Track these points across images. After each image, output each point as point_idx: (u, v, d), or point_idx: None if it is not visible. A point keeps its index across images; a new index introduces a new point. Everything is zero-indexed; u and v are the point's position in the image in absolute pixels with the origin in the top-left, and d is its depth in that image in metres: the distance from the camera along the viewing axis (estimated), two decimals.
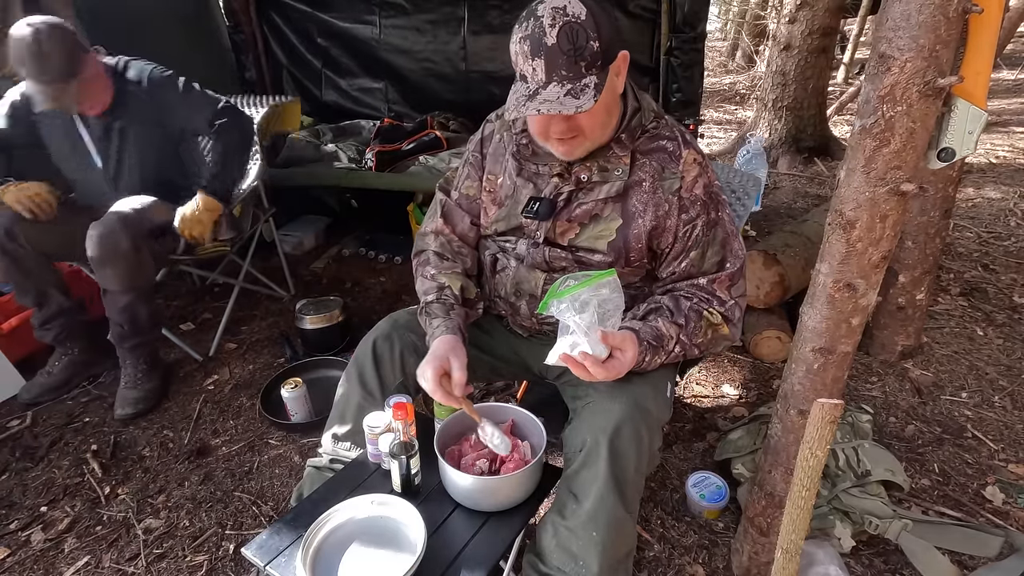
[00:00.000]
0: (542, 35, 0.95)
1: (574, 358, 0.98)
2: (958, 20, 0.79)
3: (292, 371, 2.07)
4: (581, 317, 0.97)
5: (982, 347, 2.19)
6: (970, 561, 1.39)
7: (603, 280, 1.00)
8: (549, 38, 0.95)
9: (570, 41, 0.95)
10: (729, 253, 1.15)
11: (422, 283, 1.28)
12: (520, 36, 0.98)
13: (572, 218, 1.16)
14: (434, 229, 1.34)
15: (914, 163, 0.89)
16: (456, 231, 1.33)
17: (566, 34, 0.94)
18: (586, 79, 0.97)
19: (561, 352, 1.00)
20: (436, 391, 1.08)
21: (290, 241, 3.16)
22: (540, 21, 0.95)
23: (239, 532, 1.55)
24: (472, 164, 1.30)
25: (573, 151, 1.09)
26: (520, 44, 0.98)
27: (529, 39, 0.97)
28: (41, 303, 1.97)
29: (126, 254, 1.81)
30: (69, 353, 2.07)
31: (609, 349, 1.01)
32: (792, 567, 0.97)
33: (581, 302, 0.98)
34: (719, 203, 1.15)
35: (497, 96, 3.15)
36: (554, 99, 0.96)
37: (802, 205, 3.74)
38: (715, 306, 1.13)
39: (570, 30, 0.94)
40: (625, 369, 1.02)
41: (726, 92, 7.73)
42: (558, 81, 0.97)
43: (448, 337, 1.14)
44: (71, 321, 2.03)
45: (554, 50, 0.95)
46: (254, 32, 3.39)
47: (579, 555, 1.02)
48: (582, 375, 1.01)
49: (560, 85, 0.96)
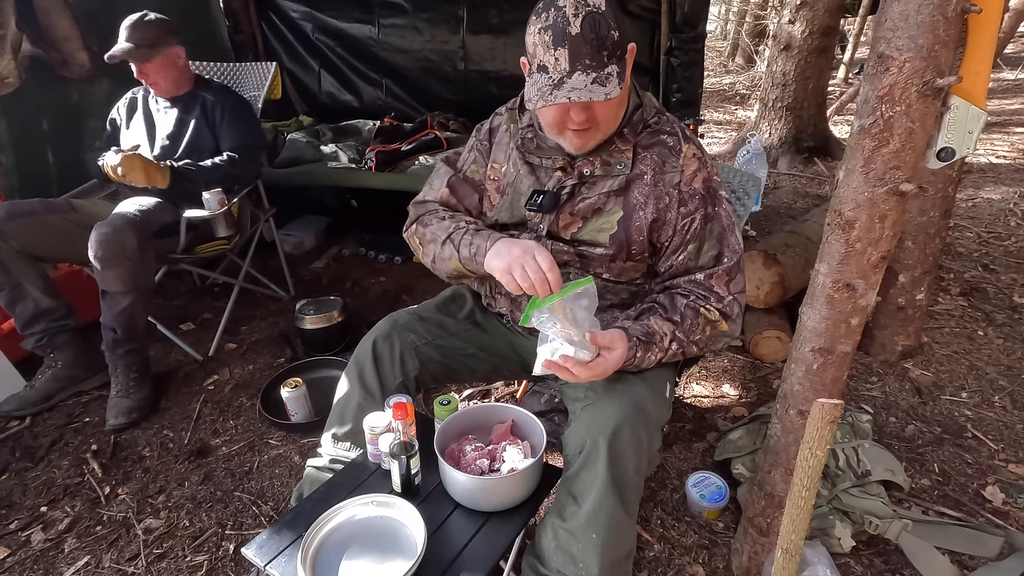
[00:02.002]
0: (565, 25, 0.96)
1: (557, 363, 1.00)
2: (957, 20, 0.79)
3: (292, 371, 2.06)
4: (563, 325, 0.99)
5: (982, 347, 2.19)
6: (970, 561, 1.39)
7: (580, 288, 1.01)
8: (573, 27, 0.95)
9: (593, 30, 0.95)
10: (726, 248, 1.15)
11: (438, 224, 1.19)
12: (540, 27, 0.98)
13: (575, 212, 1.16)
14: (440, 199, 1.28)
15: (913, 163, 0.89)
16: (464, 204, 1.28)
17: (589, 24, 0.95)
18: (608, 68, 0.98)
19: (544, 359, 1.02)
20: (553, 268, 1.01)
21: (290, 241, 3.16)
22: (563, 11, 0.96)
23: (239, 532, 1.55)
24: (479, 151, 1.29)
25: (586, 144, 1.10)
26: (540, 35, 0.98)
27: (551, 29, 0.97)
28: (14, 300, 1.90)
29: (131, 254, 1.81)
30: (53, 366, 2.00)
31: (597, 349, 1.01)
32: (792, 567, 0.97)
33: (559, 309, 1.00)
34: (717, 198, 1.15)
35: (496, 95, 3.17)
36: (582, 87, 0.96)
37: (802, 205, 3.74)
38: (712, 303, 1.14)
39: (593, 20, 0.95)
40: (612, 367, 1.03)
41: (726, 92, 7.73)
42: (583, 70, 0.97)
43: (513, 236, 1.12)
44: (55, 327, 1.97)
45: (578, 39, 0.96)
46: (254, 32, 3.40)
47: (579, 557, 1.02)
48: (568, 378, 1.02)
49: (585, 74, 0.97)
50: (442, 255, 1.18)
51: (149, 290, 1.96)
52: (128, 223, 1.83)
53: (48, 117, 2.51)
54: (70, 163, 2.54)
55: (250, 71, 2.63)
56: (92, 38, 2.51)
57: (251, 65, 2.64)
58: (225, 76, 2.63)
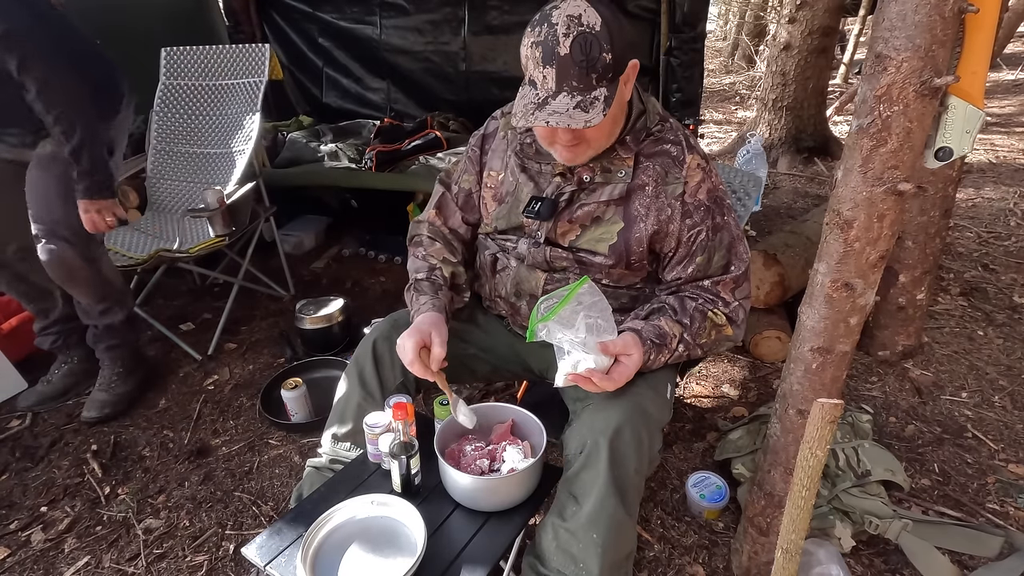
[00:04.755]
0: (555, 44, 0.94)
1: (581, 375, 1.00)
2: (954, 20, 0.79)
3: (292, 371, 2.07)
4: (575, 334, 0.98)
5: (982, 347, 2.19)
6: (970, 561, 1.39)
7: (579, 291, 1.01)
8: (562, 48, 0.93)
9: (583, 52, 0.93)
10: (734, 257, 1.15)
11: (413, 262, 1.30)
12: (532, 41, 0.97)
13: (573, 219, 1.16)
14: (428, 219, 1.37)
15: (911, 163, 0.89)
16: (448, 223, 1.36)
17: (579, 45, 0.93)
18: (596, 91, 0.96)
19: (566, 373, 1.01)
20: (414, 363, 1.09)
21: (290, 241, 3.16)
22: (554, 29, 0.94)
23: (239, 532, 1.55)
24: (471, 159, 1.31)
25: (576, 158, 1.10)
26: (532, 49, 0.97)
27: (541, 46, 0.95)
28: (44, 308, 1.96)
29: (85, 276, 1.77)
30: (69, 361, 2.05)
31: (613, 358, 1.02)
32: (792, 567, 0.97)
33: (567, 319, 0.99)
34: (724, 208, 1.15)
35: (497, 96, 3.17)
36: (563, 111, 0.95)
37: (802, 205, 3.74)
38: (720, 307, 1.14)
39: (584, 41, 0.93)
40: (632, 372, 1.04)
41: (726, 92, 7.73)
42: (568, 92, 0.96)
43: (432, 314, 1.15)
44: (70, 328, 2.01)
45: (566, 60, 0.94)
46: (254, 32, 3.40)
47: (579, 557, 1.01)
48: (591, 389, 1.02)
49: (570, 96, 0.95)
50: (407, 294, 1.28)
51: (120, 290, 1.93)
52: (64, 243, 1.70)
53: None
54: None
55: (242, 54, 2.50)
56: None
57: (242, 47, 2.51)
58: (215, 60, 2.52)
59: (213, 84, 2.53)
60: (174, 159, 2.53)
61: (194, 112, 2.54)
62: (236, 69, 2.52)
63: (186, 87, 2.55)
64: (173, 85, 2.55)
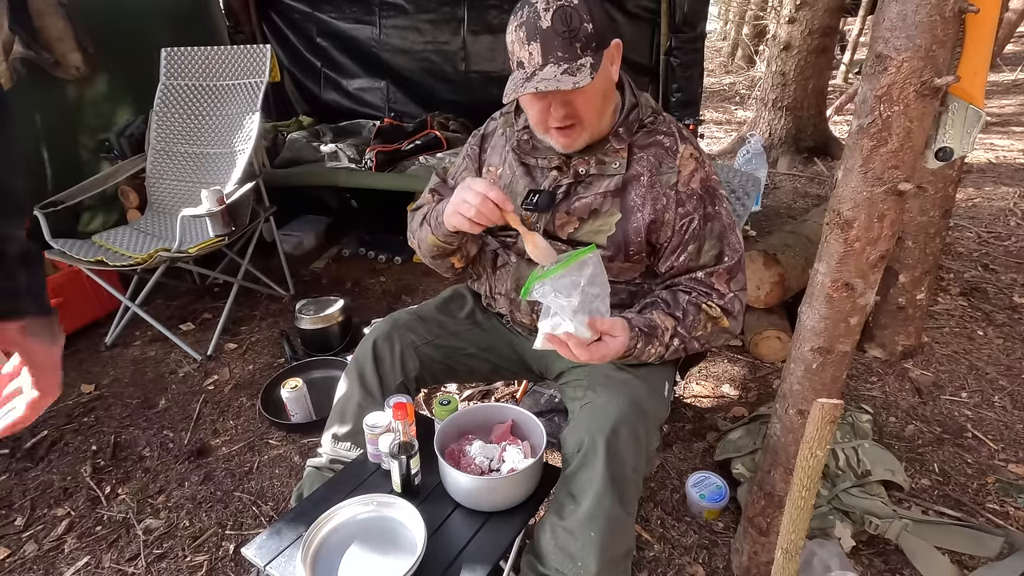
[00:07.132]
0: (537, 19, 0.98)
1: (558, 337, 0.97)
2: (954, 20, 0.79)
3: (292, 371, 2.07)
4: (568, 300, 0.95)
5: (982, 347, 2.19)
6: (970, 561, 1.39)
7: (585, 257, 0.98)
8: (544, 21, 0.98)
9: (564, 23, 0.98)
10: (727, 247, 1.15)
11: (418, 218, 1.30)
12: (515, 25, 1.01)
13: (571, 211, 1.16)
14: (424, 201, 1.36)
15: (911, 163, 0.89)
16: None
17: (560, 17, 0.97)
18: (582, 59, 0.99)
19: (545, 332, 0.98)
20: (491, 188, 1.03)
21: (290, 241, 3.16)
22: (534, 7, 0.99)
23: (239, 532, 1.55)
24: (470, 156, 1.32)
25: (573, 142, 1.10)
26: (516, 32, 1.01)
27: (524, 25, 1.00)
28: None
29: None
30: None
31: (597, 334, 0.99)
32: (792, 567, 0.97)
33: (565, 284, 0.96)
34: (716, 197, 1.15)
35: (497, 96, 3.16)
36: (551, 77, 0.98)
37: (802, 205, 3.74)
38: (714, 299, 1.14)
39: (564, 13, 0.98)
40: (612, 353, 1.00)
41: (726, 92, 7.73)
42: (555, 62, 0.99)
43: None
44: None
45: (549, 32, 0.98)
46: (254, 32, 3.40)
47: (577, 555, 1.02)
48: (566, 354, 0.99)
49: (557, 66, 0.99)
50: (422, 236, 1.24)
51: None
52: None
53: (41, 117, 2.48)
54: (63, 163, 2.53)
55: (242, 54, 2.50)
56: (86, 39, 2.51)
57: (243, 48, 2.51)
58: (215, 60, 2.52)
59: (213, 85, 2.54)
60: (174, 159, 2.53)
61: (194, 112, 2.54)
62: (236, 70, 2.52)
63: (186, 87, 2.55)
64: (173, 85, 2.55)
